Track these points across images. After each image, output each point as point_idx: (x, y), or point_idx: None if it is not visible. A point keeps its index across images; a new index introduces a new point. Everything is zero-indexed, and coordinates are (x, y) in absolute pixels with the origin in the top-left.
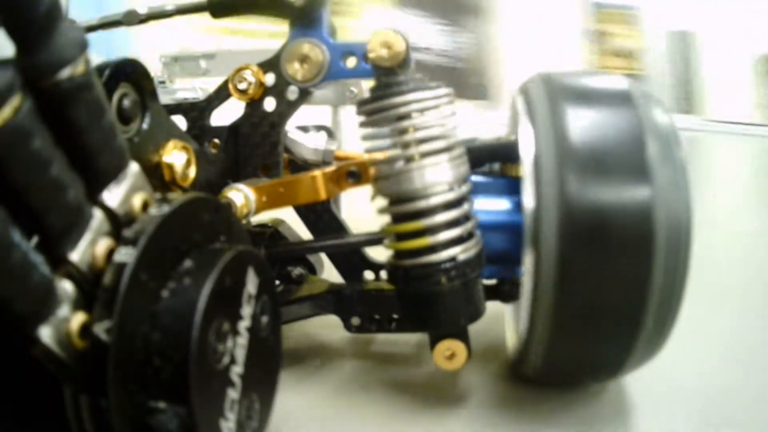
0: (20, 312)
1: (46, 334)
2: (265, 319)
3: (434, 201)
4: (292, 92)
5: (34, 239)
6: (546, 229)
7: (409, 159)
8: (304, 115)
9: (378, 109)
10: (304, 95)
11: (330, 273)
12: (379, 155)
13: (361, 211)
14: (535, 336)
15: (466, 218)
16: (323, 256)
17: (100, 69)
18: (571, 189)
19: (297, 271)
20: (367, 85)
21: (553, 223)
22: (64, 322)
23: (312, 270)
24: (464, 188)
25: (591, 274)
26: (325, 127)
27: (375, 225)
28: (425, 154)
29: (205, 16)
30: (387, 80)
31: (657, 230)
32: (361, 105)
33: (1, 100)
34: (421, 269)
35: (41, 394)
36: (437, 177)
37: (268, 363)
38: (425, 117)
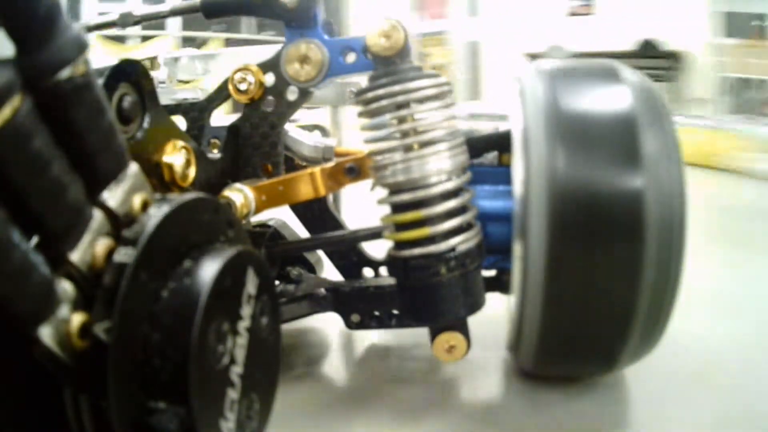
0: (20, 312)
1: (46, 334)
2: (264, 319)
3: (433, 191)
4: (292, 92)
5: (34, 239)
6: (535, 218)
7: (408, 148)
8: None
9: (376, 98)
10: (304, 95)
11: (330, 273)
12: (378, 146)
13: (361, 212)
14: (526, 325)
15: (465, 208)
16: (323, 255)
17: (100, 69)
18: (561, 174)
19: (296, 270)
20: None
21: (543, 210)
22: (64, 322)
23: (311, 269)
24: (463, 178)
25: (581, 261)
26: (318, 125)
27: (375, 224)
28: (424, 144)
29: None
30: (386, 69)
31: (648, 216)
32: (360, 94)
33: (1, 101)
34: (421, 260)
35: (41, 394)
36: (436, 166)
37: (267, 363)
38: (424, 106)
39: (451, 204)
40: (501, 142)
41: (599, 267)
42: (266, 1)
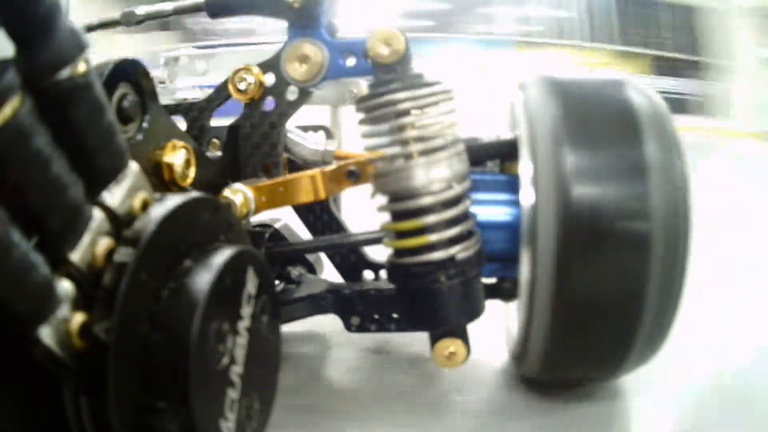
0: (20, 312)
1: (46, 334)
2: (264, 319)
3: (434, 199)
4: (292, 92)
5: (34, 239)
6: (543, 227)
7: (408, 156)
8: (303, 115)
9: (377, 106)
10: (304, 95)
11: (330, 274)
12: (379, 153)
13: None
14: (532, 334)
15: (465, 216)
16: (323, 256)
17: (100, 69)
18: (569, 184)
19: (297, 271)
20: (366, 84)
21: (551, 222)
22: (64, 322)
23: (312, 270)
24: (464, 186)
25: (589, 270)
26: (323, 126)
27: (375, 226)
28: (424, 152)
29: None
30: (386, 77)
31: (654, 224)
32: (360, 102)
33: (1, 100)
34: (421, 267)
35: (41, 394)
36: (436, 174)
37: (267, 363)
38: (425, 114)
39: (452, 212)
40: (503, 150)
41: (607, 274)
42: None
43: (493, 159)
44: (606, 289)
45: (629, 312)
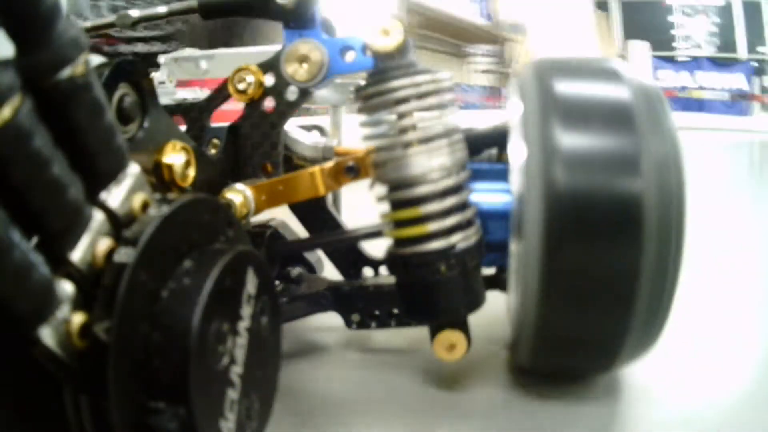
0: (20, 312)
1: (46, 334)
2: (264, 319)
3: (432, 187)
4: (292, 92)
5: (34, 239)
6: (531, 212)
7: (407, 145)
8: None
9: (375, 94)
10: (304, 95)
11: (330, 272)
12: (377, 144)
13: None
14: (524, 322)
15: (464, 205)
16: (322, 255)
17: (100, 69)
18: (558, 171)
19: (296, 270)
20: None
21: (539, 207)
22: (64, 322)
23: (311, 269)
24: (463, 175)
25: (577, 259)
26: (317, 126)
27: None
28: (423, 140)
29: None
30: (385, 65)
31: (646, 213)
32: (360, 90)
33: (1, 101)
34: (421, 257)
35: (41, 394)
36: (435, 163)
37: (268, 363)
38: (424, 102)
39: (451, 201)
40: (500, 139)
41: (596, 264)
42: (264, 1)
43: (490, 148)
44: (595, 276)
45: (621, 300)
